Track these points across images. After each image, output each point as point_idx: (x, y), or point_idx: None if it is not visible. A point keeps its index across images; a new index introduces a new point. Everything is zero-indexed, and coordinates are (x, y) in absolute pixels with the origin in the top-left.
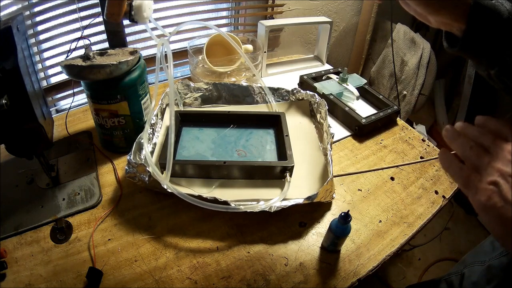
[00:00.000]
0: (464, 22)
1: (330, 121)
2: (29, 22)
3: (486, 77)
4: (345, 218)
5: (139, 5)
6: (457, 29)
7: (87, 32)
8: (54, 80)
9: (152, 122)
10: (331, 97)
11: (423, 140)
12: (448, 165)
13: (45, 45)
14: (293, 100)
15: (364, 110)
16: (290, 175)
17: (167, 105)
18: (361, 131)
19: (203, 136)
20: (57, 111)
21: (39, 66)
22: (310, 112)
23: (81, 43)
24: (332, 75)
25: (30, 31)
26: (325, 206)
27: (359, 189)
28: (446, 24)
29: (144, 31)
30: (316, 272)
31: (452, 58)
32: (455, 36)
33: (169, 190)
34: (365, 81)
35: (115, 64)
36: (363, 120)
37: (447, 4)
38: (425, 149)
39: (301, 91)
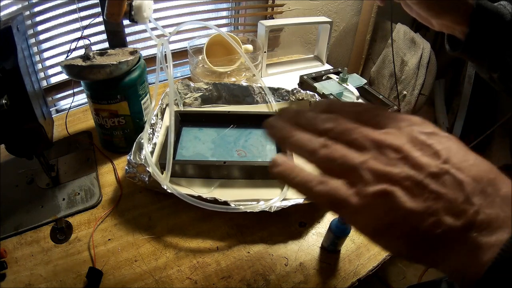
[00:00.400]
0: (466, 25)
1: None
2: (29, 22)
3: (488, 79)
4: None
5: (139, 5)
6: (459, 32)
7: (87, 32)
8: (54, 80)
9: (152, 122)
10: (331, 97)
11: None
12: (294, 176)
13: (45, 45)
14: (293, 100)
15: None
16: None
17: (167, 105)
18: None
19: (203, 136)
20: (57, 111)
21: (39, 66)
22: None
23: (81, 43)
24: (332, 75)
25: (30, 31)
26: None
27: None
28: (448, 27)
29: (144, 31)
30: (316, 272)
31: (452, 58)
32: (457, 39)
33: (169, 190)
34: (365, 81)
35: (115, 64)
36: None
37: (450, 8)
38: None
39: (301, 91)
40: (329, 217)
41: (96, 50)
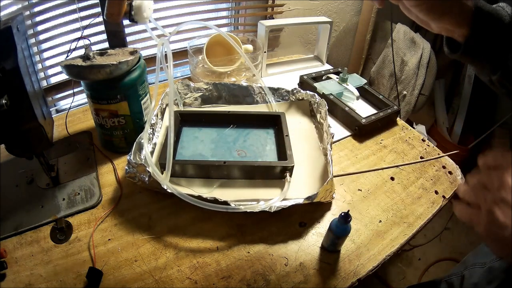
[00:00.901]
0: (465, 28)
1: (330, 121)
2: (29, 22)
3: (487, 82)
4: (345, 218)
5: (139, 5)
6: (458, 34)
7: (87, 32)
8: (54, 80)
9: (152, 122)
10: (331, 97)
11: (423, 140)
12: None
13: (45, 45)
14: (293, 100)
15: (364, 110)
16: (290, 175)
17: (167, 105)
18: (361, 131)
19: (203, 136)
20: (57, 111)
21: (39, 66)
22: (310, 112)
23: (81, 43)
24: (332, 75)
25: (30, 31)
26: (325, 206)
27: (359, 189)
28: (447, 29)
29: (144, 31)
30: (316, 272)
31: (452, 58)
32: (456, 41)
33: (169, 190)
34: (365, 81)
35: (115, 64)
36: (363, 120)
37: (449, 10)
38: (425, 149)
39: (301, 91)
40: (329, 217)
41: (96, 50)
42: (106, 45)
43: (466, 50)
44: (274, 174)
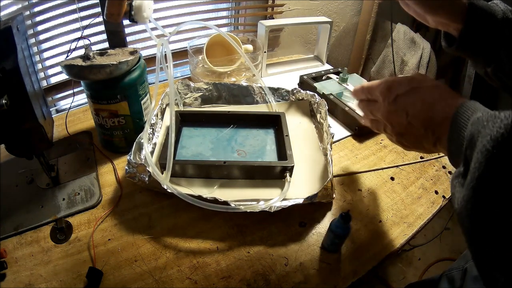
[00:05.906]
0: (460, 22)
1: (330, 121)
2: (29, 22)
3: (483, 75)
4: (345, 218)
5: (139, 5)
6: (454, 29)
7: (87, 32)
8: (54, 80)
9: (152, 122)
10: (331, 97)
11: None
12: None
13: (45, 45)
14: (293, 100)
15: None
16: (290, 175)
17: (167, 105)
18: (361, 131)
19: (203, 136)
20: (57, 111)
21: (39, 66)
22: (310, 112)
23: (81, 43)
24: (332, 75)
25: (30, 31)
26: (325, 206)
27: (359, 189)
28: (443, 24)
29: (144, 31)
30: (316, 272)
31: (452, 58)
32: (453, 35)
33: (169, 190)
34: (365, 81)
35: (115, 64)
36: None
37: (444, 4)
38: None
39: (301, 91)
40: (329, 217)
41: (96, 50)
42: (106, 45)
43: (461, 44)
44: (274, 174)
